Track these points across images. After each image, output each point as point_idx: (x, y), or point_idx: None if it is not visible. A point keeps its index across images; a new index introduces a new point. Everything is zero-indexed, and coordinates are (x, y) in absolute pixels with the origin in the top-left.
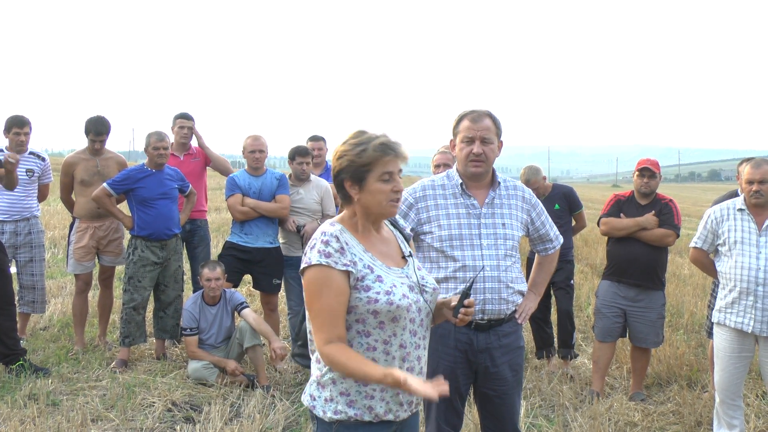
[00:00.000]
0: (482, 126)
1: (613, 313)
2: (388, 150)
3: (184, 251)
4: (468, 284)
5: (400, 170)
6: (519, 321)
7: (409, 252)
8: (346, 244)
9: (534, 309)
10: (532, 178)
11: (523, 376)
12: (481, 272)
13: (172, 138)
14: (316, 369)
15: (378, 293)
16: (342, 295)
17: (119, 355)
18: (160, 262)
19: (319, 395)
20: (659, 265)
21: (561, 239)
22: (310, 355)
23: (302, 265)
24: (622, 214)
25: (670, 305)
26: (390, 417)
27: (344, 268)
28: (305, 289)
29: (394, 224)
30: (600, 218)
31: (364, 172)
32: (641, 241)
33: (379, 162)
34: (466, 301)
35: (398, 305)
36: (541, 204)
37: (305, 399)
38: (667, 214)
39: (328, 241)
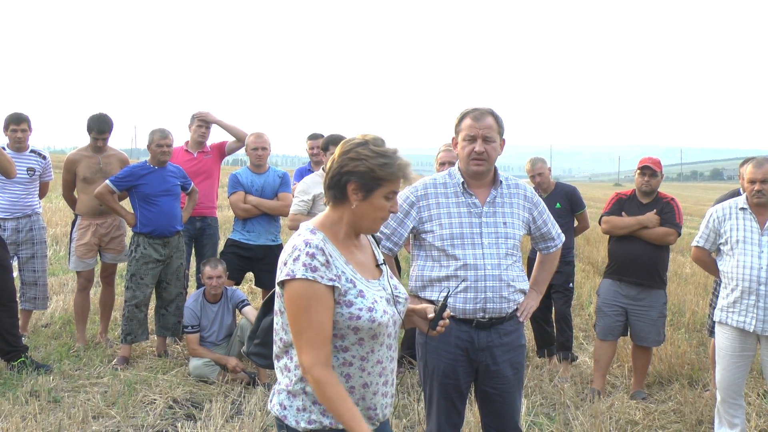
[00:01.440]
0: (484, 124)
1: (614, 312)
2: (406, 175)
3: (193, 248)
4: (445, 296)
5: None
6: (520, 319)
7: (382, 260)
8: (331, 256)
9: (535, 307)
10: (537, 164)
11: (524, 375)
12: (462, 283)
13: (189, 136)
14: (285, 377)
15: (360, 309)
16: (329, 310)
17: (120, 353)
18: (162, 260)
19: (290, 404)
20: (660, 264)
21: (563, 238)
22: (274, 360)
23: (283, 276)
24: (623, 213)
25: (672, 304)
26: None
27: (330, 283)
28: (289, 302)
29: None
30: (601, 216)
31: (376, 184)
32: (642, 240)
33: (393, 181)
34: (444, 313)
35: (380, 322)
36: (543, 202)
37: (274, 408)
38: (668, 212)
39: (314, 254)
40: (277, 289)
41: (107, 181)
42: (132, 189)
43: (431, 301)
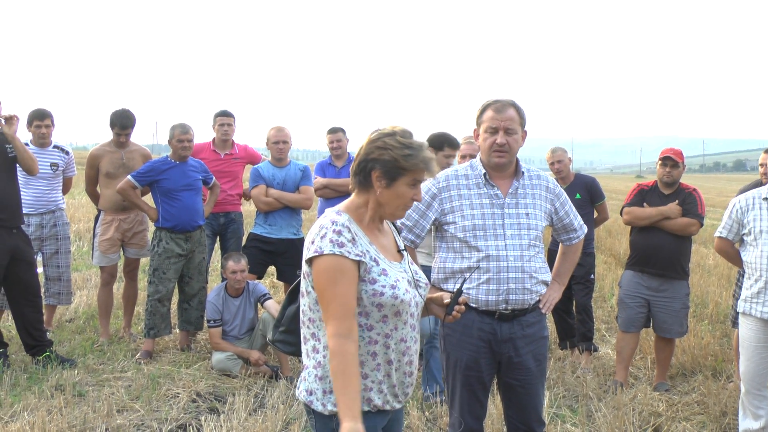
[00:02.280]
0: (506, 116)
1: (636, 303)
2: (429, 168)
3: (217, 243)
4: (460, 283)
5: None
6: (543, 311)
7: (404, 246)
8: (356, 235)
9: (558, 299)
10: (557, 152)
11: (547, 366)
12: (476, 272)
13: (213, 134)
14: (313, 359)
15: (384, 287)
16: (354, 284)
17: (144, 347)
18: (184, 254)
19: (317, 388)
20: (683, 255)
21: (585, 229)
22: (302, 344)
23: (311, 254)
24: (645, 204)
25: (695, 295)
26: (387, 407)
27: (357, 258)
28: (317, 277)
29: None
30: (623, 207)
31: (399, 173)
32: (664, 231)
33: (416, 171)
34: (460, 299)
35: (402, 299)
36: (565, 193)
37: (301, 395)
38: (690, 203)
39: (340, 231)
40: (304, 268)
41: (129, 177)
42: (154, 184)
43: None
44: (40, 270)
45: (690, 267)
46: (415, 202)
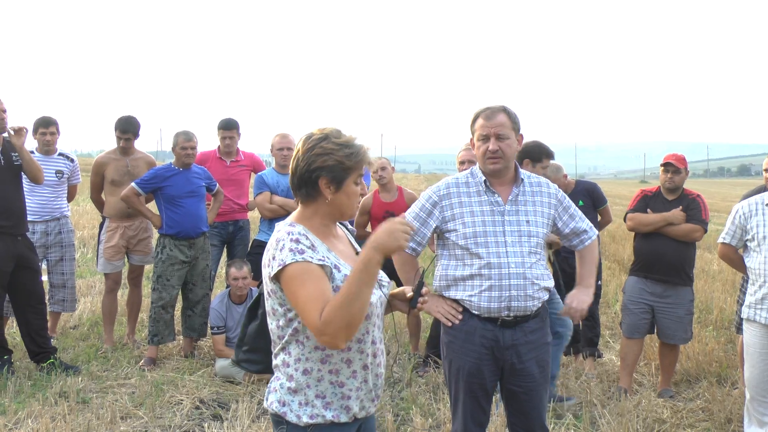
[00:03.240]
0: (496, 122)
1: (640, 309)
2: (369, 158)
3: (224, 251)
4: (420, 273)
5: None
6: (574, 321)
7: (359, 249)
8: (314, 242)
9: (589, 303)
10: (552, 176)
11: (550, 373)
12: (477, 279)
13: (217, 142)
14: (284, 374)
15: None
16: (325, 280)
17: (147, 354)
18: (188, 261)
19: (291, 400)
20: (687, 261)
21: (596, 230)
22: (273, 359)
23: (275, 270)
24: (648, 210)
25: (699, 301)
26: (363, 414)
27: (320, 263)
28: (286, 288)
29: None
30: (626, 213)
31: (346, 175)
32: (668, 237)
33: (359, 167)
34: (423, 290)
35: (371, 303)
36: (567, 198)
37: (272, 405)
38: (694, 209)
39: (298, 239)
40: (270, 286)
41: (133, 184)
42: (157, 191)
43: (456, 301)
44: (44, 277)
45: (694, 273)
46: (416, 211)
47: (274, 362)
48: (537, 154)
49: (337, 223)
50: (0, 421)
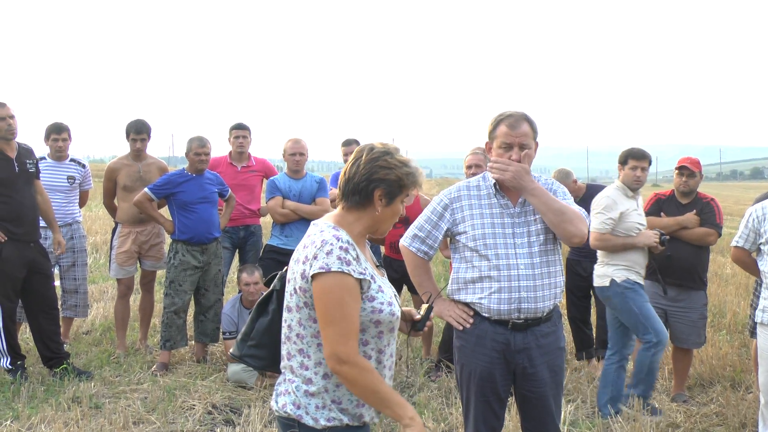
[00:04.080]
0: (520, 132)
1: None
2: (418, 185)
3: (236, 256)
4: (432, 299)
5: None
6: (503, 177)
7: (380, 262)
8: (358, 252)
9: (522, 173)
10: (561, 182)
11: (564, 377)
12: (486, 281)
13: (229, 147)
14: (300, 377)
15: (382, 303)
16: (359, 303)
17: (160, 359)
18: (200, 266)
19: (307, 403)
20: (700, 265)
21: (587, 222)
22: (286, 359)
23: (315, 270)
24: (662, 213)
25: (713, 305)
26: (371, 422)
27: (360, 277)
28: (322, 294)
29: None
30: None
31: (400, 192)
32: (682, 241)
33: (411, 189)
34: (430, 315)
35: (397, 316)
36: (571, 199)
37: (285, 408)
38: (708, 213)
39: (347, 249)
40: (300, 282)
41: (146, 189)
42: (170, 196)
43: (467, 305)
44: (57, 283)
45: (707, 276)
46: (427, 214)
47: (288, 363)
48: (624, 157)
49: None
50: (14, 426)
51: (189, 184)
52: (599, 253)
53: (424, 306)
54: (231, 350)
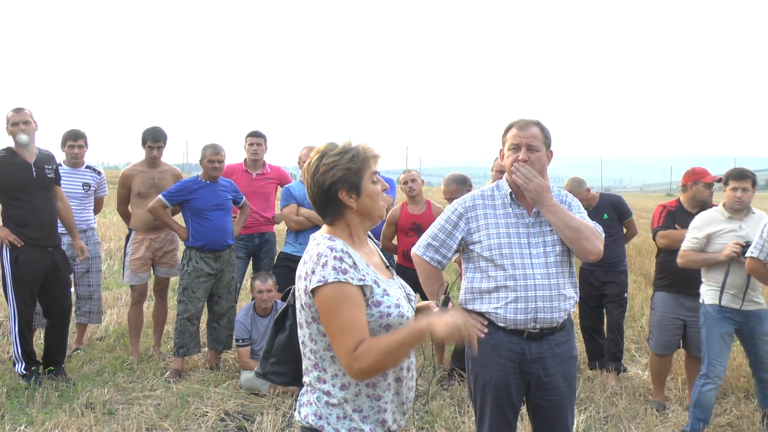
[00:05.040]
0: (528, 133)
1: (674, 326)
2: (375, 154)
3: (250, 264)
4: (446, 290)
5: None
6: (519, 180)
7: (389, 262)
8: (355, 259)
9: (541, 184)
10: (575, 190)
11: (577, 386)
12: (503, 291)
13: (245, 155)
14: (320, 390)
15: (389, 307)
16: (362, 306)
17: (173, 365)
18: (213, 273)
19: (329, 413)
20: None
21: (602, 237)
22: (304, 375)
23: (314, 284)
24: (676, 225)
25: None
26: (395, 427)
27: (360, 283)
28: (321, 307)
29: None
30: (656, 231)
31: (358, 178)
32: None
33: (368, 164)
34: (448, 305)
35: (407, 317)
36: (579, 205)
37: (307, 419)
38: None
39: (341, 257)
40: (304, 299)
41: (160, 196)
42: (184, 203)
43: (481, 314)
44: (71, 289)
45: None
46: (441, 222)
47: (307, 379)
48: (725, 177)
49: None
50: (28, 431)
51: (203, 191)
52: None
53: (441, 297)
54: (256, 369)
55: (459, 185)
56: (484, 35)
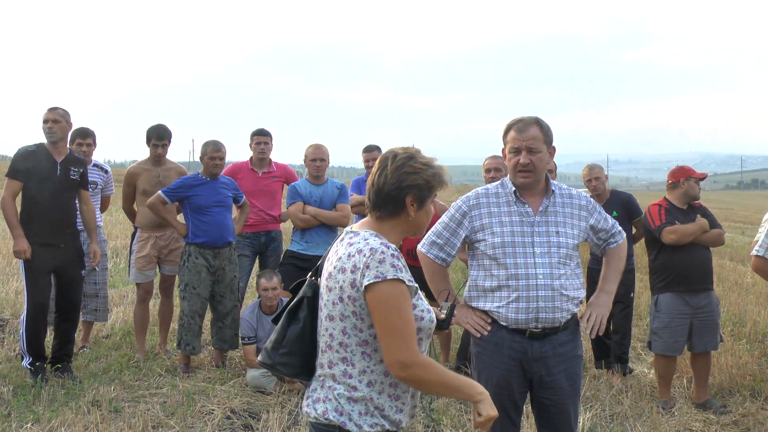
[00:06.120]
0: (528, 135)
1: (683, 327)
2: (447, 180)
3: (257, 262)
4: (450, 297)
5: None
6: (587, 332)
7: None
8: (404, 263)
9: (606, 315)
10: (595, 169)
11: (582, 386)
12: (505, 290)
13: (251, 153)
14: (343, 384)
15: (422, 311)
16: (412, 308)
17: (180, 360)
18: (213, 269)
19: (351, 409)
20: (711, 265)
21: (624, 233)
22: (326, 367)
23: (370, 279)
24: (675, 221)
25: (733, 314)
26: (405, 426)
27: (411, 284)
28: (378, 304)
29: None
30: (662, 228)
31: (429, 194)
32: (699, 245)
33: (440, 188)
34: (454, 311)
35: (435, 322)
36: (599, 206)
37: (327, 415)
38: (710, 215)
39: (398, 256)
40: (348, 292)
41: (159, 192)
42: (184, 200)
43: (485, 312)
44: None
45: (727, 284)
46: (446, 221)
47: (329, 372)
48: None
49: None
50: (34, 428)
51: (203, 187)
52: None
53: (445, 304)
54: (260, 358)
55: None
56: (488, 31)
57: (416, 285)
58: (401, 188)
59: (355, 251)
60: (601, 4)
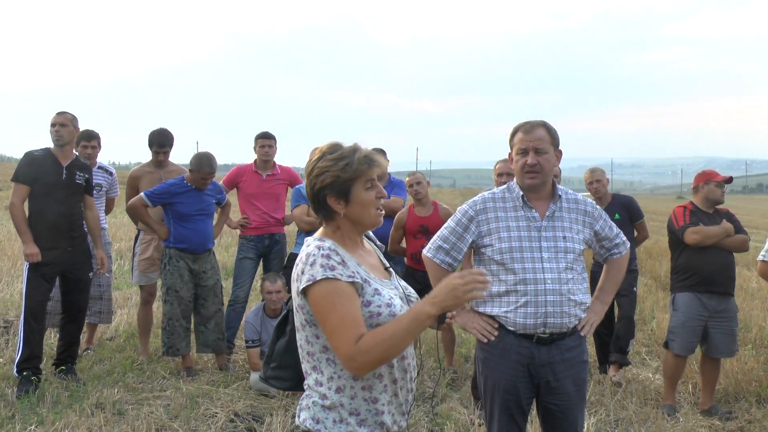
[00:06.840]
0: (535, 136)
1: (698, 327)
2: (372, 163)
3: (260, 264)
4: None
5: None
6: (582, 333)
7: (389, 264)
8: (344, 257)
9: (598, 322)
10: (596, 172)
11: (587, 391)
12: (513, 295)
13: (255, 156)
14: (316, 392)
15: (379, 306)
16: (355, 300)
17: (183, 364)
18: (194, 273)
19: (325, 417)
20: (734, 271)
21: (628, 244)
22: (305, 378)
23: (304, 284)
24: (700, 223)
25: (738, 319)
26: (395, 429)
27: (350, 280)
28: (315, 305)
29: (367, 236)
30: (685, 228)
31: (347, 186)
32: (722, 249)
33: (362, 173)
34: (454, 312)
35: (397, 317)
36: (604, 213)
37: (305, 423)
38: (735, 221)
39: (329, 255)
40: (298, 300)
41: (142, 194)
42: (167, 206)
43: (492, 317)
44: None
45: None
46: (452, 225)
47: (306, 382)
48: None
49: (365, 239)
50: (38, 430)
51: (187, 195)
52: None
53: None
54: (259, 374)
55: None
56: (495, 35)
57: (366, 281)
58: (317, 192)
59: (299, 260)
60: (607, 8)
